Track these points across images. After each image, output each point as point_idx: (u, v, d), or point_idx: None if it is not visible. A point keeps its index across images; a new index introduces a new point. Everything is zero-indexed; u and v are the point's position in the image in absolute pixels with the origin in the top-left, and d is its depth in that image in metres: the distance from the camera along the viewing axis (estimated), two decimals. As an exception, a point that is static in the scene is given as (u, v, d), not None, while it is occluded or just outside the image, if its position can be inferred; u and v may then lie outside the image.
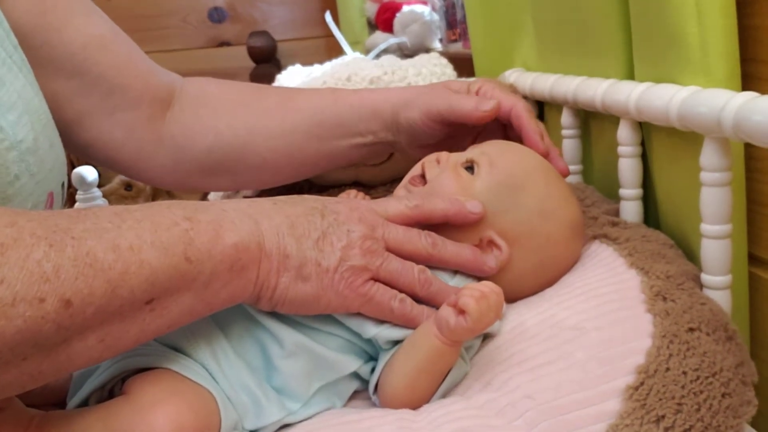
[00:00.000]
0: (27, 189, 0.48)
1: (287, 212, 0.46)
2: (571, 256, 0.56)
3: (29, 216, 0.36)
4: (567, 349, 0.45)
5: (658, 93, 0.54)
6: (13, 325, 0.32)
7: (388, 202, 0.51)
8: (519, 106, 0.60)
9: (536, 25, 0.80)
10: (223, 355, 0.46)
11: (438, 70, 0.87)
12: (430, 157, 0.57)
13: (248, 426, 0.46)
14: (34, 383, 0.36)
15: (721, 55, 0.50)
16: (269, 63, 1.99)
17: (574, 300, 0.50)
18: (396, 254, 0.48)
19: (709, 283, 0.52)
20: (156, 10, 2.01)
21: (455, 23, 1.39)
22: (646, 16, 0.57)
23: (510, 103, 0.61)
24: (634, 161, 0.63)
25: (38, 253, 0.34)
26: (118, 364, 0.44)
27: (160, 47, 1.99)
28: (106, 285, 0.36)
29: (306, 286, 0.45)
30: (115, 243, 0.37)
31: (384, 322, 0.47)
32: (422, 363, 0.45)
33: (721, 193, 0.51)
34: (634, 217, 0.63)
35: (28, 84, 0.52)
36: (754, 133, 0.44)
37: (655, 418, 0.40)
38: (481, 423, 0.42)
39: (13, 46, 0.52)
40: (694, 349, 0.44)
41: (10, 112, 0.48)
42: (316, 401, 0.48)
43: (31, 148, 0.49)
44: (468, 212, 0.51)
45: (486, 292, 0.43)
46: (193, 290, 0.40)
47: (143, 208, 0.41)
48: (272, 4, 2.08)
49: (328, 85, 0.82)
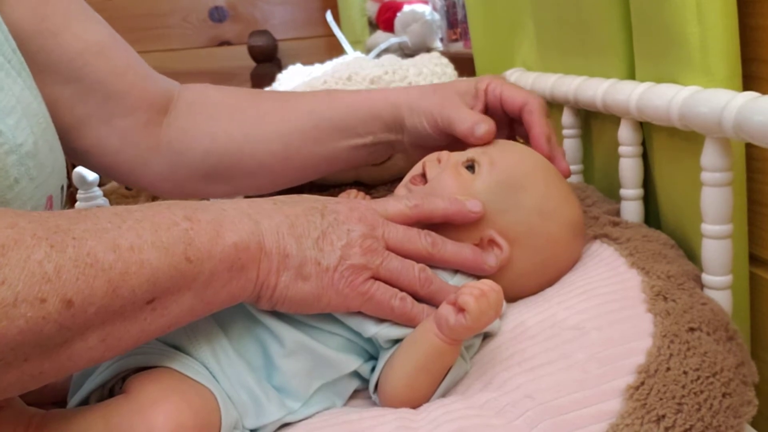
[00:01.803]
0: (26, 193, 0.48)
1: (287, 212, 0.46)
2: (571, 256, 0.56)
3: (30, 217, 0.36)
4: (567, 348, 0.45)
5: (659, 93, 0.54)
6: (15, 325, 0.32)
7: (388, 202, 0.51)
8: (532, 103, 0.60)
9: (537, 24, 0.80)
10: (223, 353, 0.46)
11: (439, 69, 0.87)
12: (431, 156, 0.57)
13: (248, 425, 0.46)
14: (35, 384, 0.36)
15: (722, 55, 0.50)
16: (270, 62, 1.99)
17: (575, 300, 0.50)
18: (396, 254, 0.48)
19: (710, 283, 0.52)
20: (156, 9, 2.01)
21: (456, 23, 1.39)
22: (647, 16, 0.57)
23: (522, 98, 0.60)
24: (634, 161, 0.63)
25: (39, 254, 0.34)
26: (119, 363, 0.44)
27: (161, 47, 1.99)
28: (107, 285, 0.36)
29: (306, 285, 0.45)
30: (115, 243, 0.37)
31: (384, 321, 0.47)
32: (422, 361, 0.45)
33: (722, 193, 0.51)
34: (634, 217, 0.63)
35: (26, 88, 0.52)
36: (755, 133, 0.44)
37: (655, 417, 0.40)
38: (481, 422, 0.42)
39: (12, 50, 0.52)
40: (695, 349, 0.44)
41: (9, 116, 0.48)
42: (317, 400, 0.48)
43: (31, 152, 0.49)
44: (468, 211, 0.51)
45: (485, 290, 0.43)
46: (194, 290, 0.40)
47: (143, 209, 0.41)
48: (273, 4, 2.08)
49: (328, 85, 0.82)
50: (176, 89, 0.69)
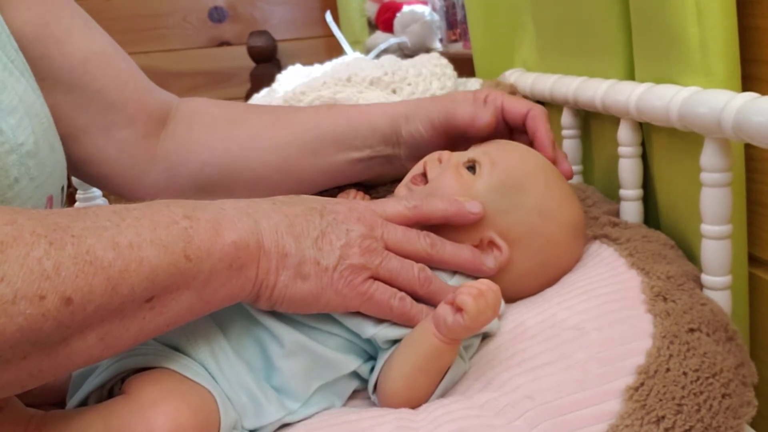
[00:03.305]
0: (26, 192, 0.48)
1: (286, 212, 0.46)
2: (571, 257, 0.56)
3: (29, 214, 0.36)
4: (567, 349, 0.45)
5: (659, 93, 0.54)
6: (14, 322, 0.32)
7: (387, 203, 0.51)
8: (536, 110, 0.61)
9: (536, 25, 0.80)
10: (222, 354, 0.46)
11: (438, 70, 0.87)
12: (432, 156, 0.57)
13: (248, 425, 0.45)
14: (33, 382, 0.36)
15: (722, 56, 0.50)
16: (269, 63, 1.99)
17: (575, 300, 0.50)
18: (395, 254, 0.48)
19: (709, 284, 0.52)
20: (156, 9, 2.00)
21: (455, 23, 1.39)
22: (646, 16, 0.57)
23: (525, 107, 0.61)
24: (634, 162, 0.63)
25: (38, 251, 0.34)
26: (118, 363, 0.44)
27: (160, 47, 1.99)
28: (107, 282, 0.36)
29: (305, 284, 0.45)
30: (114, 241, 0.37)
31: (382, 322, 0.47)
32: (420, 361, 0.45)
33: (722, 194, 0.51)
34: (634, 217, 0.63)
35: (30, 88, 0.52)
36: (755, 134, 0.44)
37: (655, 418, 0.40)
38: (481, 423, 0.42)
39: (15, 50, 0.52)
40: (695, 349, 0.44)
41: (11, 115, 0.48)
42: (316, 400, 0.48)
43: (32, 152, 0.49)
44: (467, 212, 0.51)
45: (483, 290, 0.43)
46: (193, 288, 0.40)
47: (142, 207, 0.41)
48: (272, 4, 2.08)
49: (328, 85, 0.82)
50: (175, 102, 0.69)
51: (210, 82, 2.01)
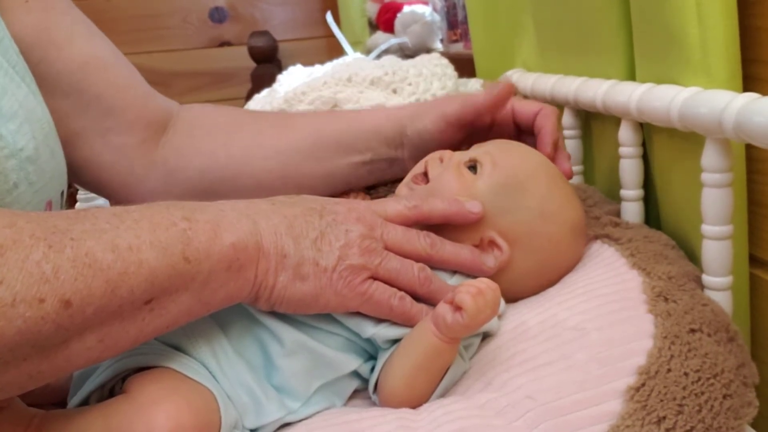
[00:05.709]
0: (25, 197, 0.48)
1: (285, 212, 0.46)
2: (572, 257, 0.56)
3: (28, 217, 0.36)
4: (568, 349, 0.45)
5: (659, 94, 0.54)
6: (13, 325, 0.32)
7: (387, 203, 0.51)
8: (547, 109, 0.61)
9: (537, 25, 0.80)
10: (223, 353, 0.46)
11: (439, 70, 0.88)
12: (434, 155, 0.57)
13: (248, 425, 0.45)
14: (33, 384, 0.36)
15: (723, 56, 0.50)
16: (270, 63, 1.99)
17: (576, 300, 0.50)
18: (395, 254, 0.48)
19: (710, 284, 0.52)
20: (156, 10, 2.01)
21: (456, 24, 1.39)
22: (647, 17, 0.57)
23: (537, 105, 0.61)
24: (635, 162, 0.63)
25: (37, 254, 0.34)
26: (119, 363, 0.44)
27: (161, 47, 2.00)
28: (106, 285, 0.36)
29: (304, 285, 0.45)
30: (113, 243, 0.37)
31: (382, 322, 0.47)
32: (420, 361, 0.45)
33: (722, 194, 0.51)
34: (635, 217, 0.63)
35: (30, 93, 0.52)
36: (756, 135, 0.44)
37: (656, 419, 0.40)
38: (482, 423, 0.42)
39: (17, 55, 0.52)
40: (696, 350, 0.44)
41: (10, 120, 0.48)
42: (316, 400, 0.48)
43: (32, 157, 0.49)
44: (468, 212, 0.51)
45: (482, 289, 0.43)
46: (192, 290, 0.40)
47: (141, 209, 0.41)
48: (273, 4, 2.08)
49: (328, 85, 0.82)
50: (175, 109, 0.69)
51: (211, 83, 2.01)
